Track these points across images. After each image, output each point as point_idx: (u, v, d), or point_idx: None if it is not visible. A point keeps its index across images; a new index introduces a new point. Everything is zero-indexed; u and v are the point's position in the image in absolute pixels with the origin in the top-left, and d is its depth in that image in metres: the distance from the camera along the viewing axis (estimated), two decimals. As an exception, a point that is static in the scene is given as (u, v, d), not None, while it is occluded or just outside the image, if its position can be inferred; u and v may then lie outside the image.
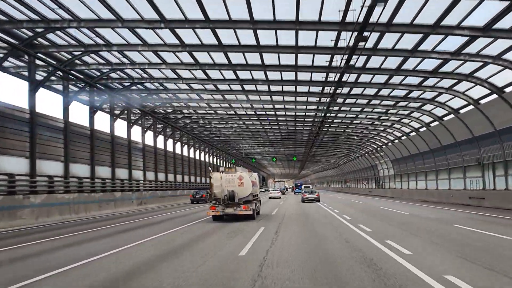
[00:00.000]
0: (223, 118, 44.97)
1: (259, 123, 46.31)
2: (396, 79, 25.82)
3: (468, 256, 9.09)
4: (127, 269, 8.26)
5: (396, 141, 44.52)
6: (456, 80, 23.87)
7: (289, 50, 21.11)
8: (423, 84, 25.79)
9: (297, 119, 42.43)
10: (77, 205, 23.86)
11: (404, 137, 41.64)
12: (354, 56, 17.24)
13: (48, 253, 10.57)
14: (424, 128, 35.39)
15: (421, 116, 33.77)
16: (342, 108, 34.49)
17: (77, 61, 24.28)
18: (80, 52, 22.68)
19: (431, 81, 25.12)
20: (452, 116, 28.63)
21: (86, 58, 24.15)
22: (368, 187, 67.65)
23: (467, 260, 8.61)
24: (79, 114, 48.37)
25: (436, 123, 31.96)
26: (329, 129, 45.69)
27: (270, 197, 53.01)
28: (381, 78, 26.00)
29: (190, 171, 55.34)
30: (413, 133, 38.66)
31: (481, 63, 20.77)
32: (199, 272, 7.75)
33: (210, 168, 27.95)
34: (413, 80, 25.47)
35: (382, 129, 43.32)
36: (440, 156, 35.18)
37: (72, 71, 25.09)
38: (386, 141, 48.11)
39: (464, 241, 11.53)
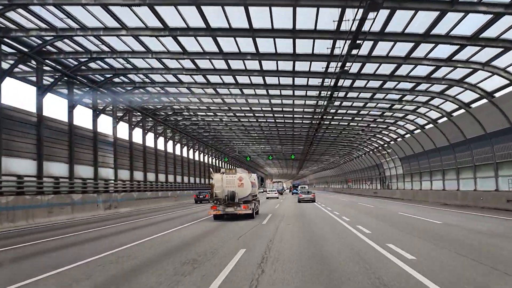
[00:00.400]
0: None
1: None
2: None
3: None
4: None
5: (408, 135, 39.93)
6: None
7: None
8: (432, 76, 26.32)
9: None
10: (13, 211, 19.12)
11: (417, 130, 37.01)
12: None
13: None
14: (444, 119, 30.36)
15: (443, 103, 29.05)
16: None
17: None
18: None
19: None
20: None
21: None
22: (372, 188, 61.68)
23: None
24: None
25: (462, 110, 27.03)
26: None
27: (268, 198, 53.99)
28: (387, 69, 26.84)
29: (176, 170, 50.37)
30: (430, 125, 33.90)
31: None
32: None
33: (211, 169, 27.92)
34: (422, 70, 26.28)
35: (392, 121, 38.92)
36: (463, 151, 30.47)
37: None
38: (395, 136, 43.68)
39: None
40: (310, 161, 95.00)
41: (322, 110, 30.21)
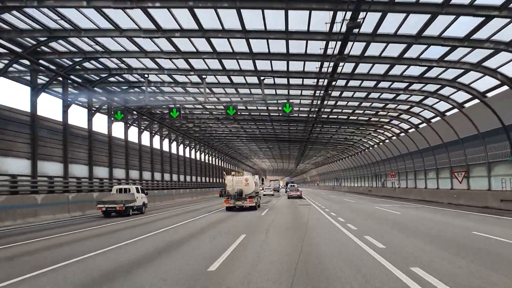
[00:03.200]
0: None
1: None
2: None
3: None
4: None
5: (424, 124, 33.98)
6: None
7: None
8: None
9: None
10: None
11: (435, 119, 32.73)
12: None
13: None
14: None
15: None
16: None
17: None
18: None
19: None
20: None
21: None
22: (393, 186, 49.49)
23: None
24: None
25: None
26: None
27: (264, 194, 56.11)
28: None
29: (154, 167, 50.35)
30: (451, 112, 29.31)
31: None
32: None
33: (224, 172, 30.34)
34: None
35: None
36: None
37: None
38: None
39: None
40: (313, 148, 71.81)
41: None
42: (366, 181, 66.61)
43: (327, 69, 20.69)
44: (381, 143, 48.81)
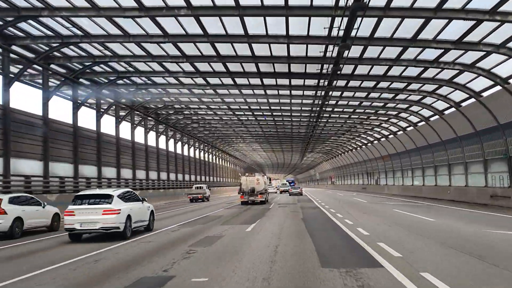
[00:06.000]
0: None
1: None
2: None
3: None
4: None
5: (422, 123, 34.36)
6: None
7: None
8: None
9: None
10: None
11: (410, 128, 37.24)
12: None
13: None
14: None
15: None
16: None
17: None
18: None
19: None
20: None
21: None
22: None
23: None
24: None
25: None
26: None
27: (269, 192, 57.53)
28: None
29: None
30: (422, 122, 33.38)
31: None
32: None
33: (240, 174, 34.61)
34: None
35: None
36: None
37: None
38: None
39: None
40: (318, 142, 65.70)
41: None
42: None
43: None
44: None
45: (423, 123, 33.83)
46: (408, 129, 38.53)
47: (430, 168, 37.22)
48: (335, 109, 37.13)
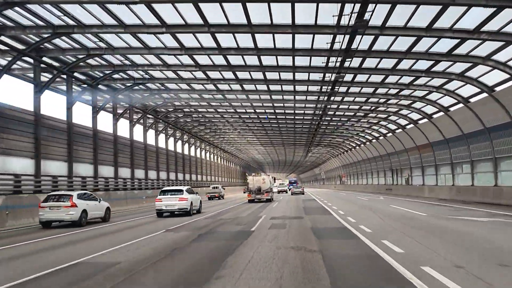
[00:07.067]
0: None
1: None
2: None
3: None
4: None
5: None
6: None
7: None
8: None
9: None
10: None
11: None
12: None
13: None
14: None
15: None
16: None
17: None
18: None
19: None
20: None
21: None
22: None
23: None
24: None
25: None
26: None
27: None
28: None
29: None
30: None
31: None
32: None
33: (247, 174, 34.08)
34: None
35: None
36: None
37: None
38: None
39: None
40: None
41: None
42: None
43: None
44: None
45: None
46: (453, 108, 28.07)
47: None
48: (351, 89, 29.75)
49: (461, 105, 26.29)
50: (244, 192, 61.11)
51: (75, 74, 25.99)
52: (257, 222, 16.62)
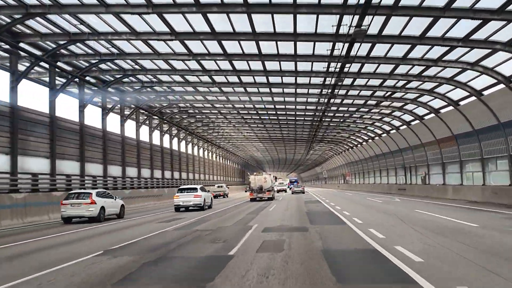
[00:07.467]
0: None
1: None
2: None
3: None
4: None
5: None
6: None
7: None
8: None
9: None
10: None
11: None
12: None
13: None
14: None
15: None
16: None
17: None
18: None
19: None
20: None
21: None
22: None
23: None
24: None
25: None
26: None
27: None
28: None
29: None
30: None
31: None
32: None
33: (248, 173, 35.11)
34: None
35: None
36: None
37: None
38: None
39: None
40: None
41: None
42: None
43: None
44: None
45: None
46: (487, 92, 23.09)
47: None
48: (357, 80, 27.56)
49: (502, 85, 20.93)
50: (246, 191, 62.96)
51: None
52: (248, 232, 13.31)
